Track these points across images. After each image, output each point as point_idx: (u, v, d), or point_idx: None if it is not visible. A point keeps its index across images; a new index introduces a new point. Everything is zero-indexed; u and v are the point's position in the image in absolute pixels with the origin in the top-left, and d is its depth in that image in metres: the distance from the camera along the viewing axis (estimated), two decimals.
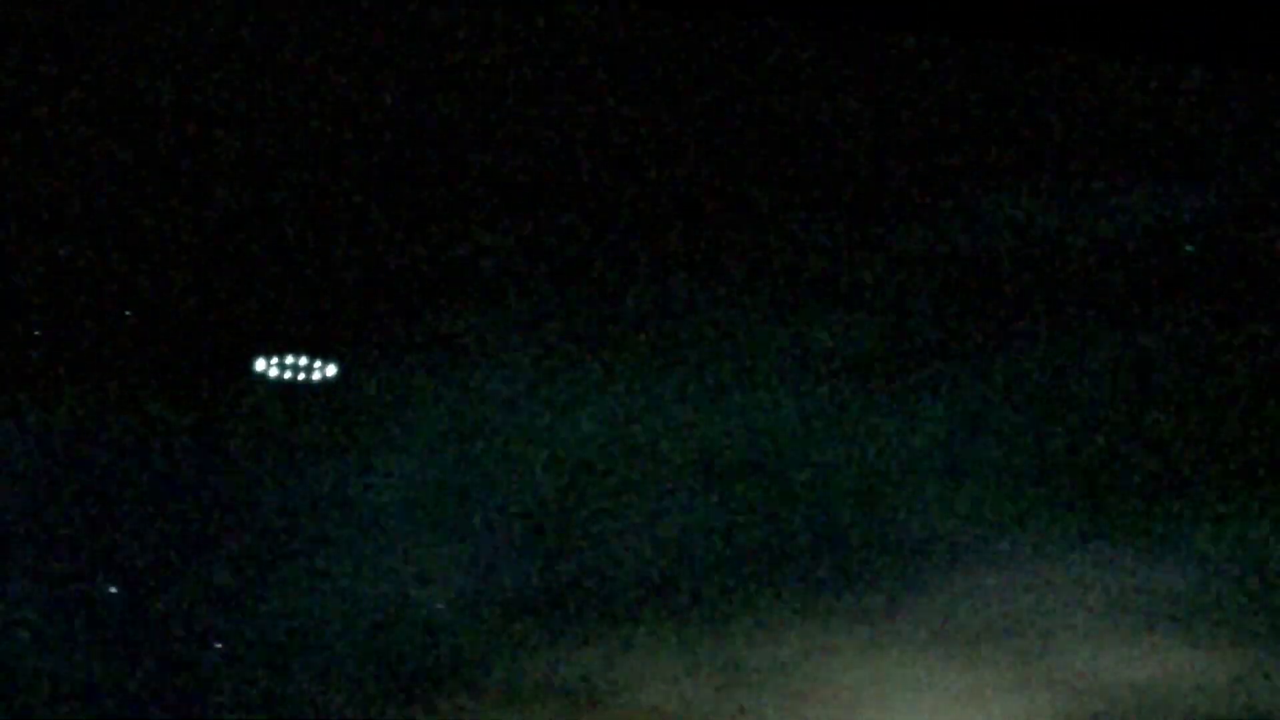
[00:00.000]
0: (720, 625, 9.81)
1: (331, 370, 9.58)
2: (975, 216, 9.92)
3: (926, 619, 9.79)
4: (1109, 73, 9.79)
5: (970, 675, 9.74)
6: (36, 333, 9.53)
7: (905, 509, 9.90)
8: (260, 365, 9.54)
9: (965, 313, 9.96)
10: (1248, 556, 9.70)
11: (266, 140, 9.45)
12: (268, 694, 9.58)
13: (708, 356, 9.88)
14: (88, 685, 9.49)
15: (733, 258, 9.87)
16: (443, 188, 9.63)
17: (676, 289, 9.83)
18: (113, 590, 9.53)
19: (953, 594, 9.80)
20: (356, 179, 9.56)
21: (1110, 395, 9.86)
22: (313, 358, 9.55)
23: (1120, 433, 9.84)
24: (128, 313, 9.57)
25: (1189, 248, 9.88)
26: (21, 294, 9.51)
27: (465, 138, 9.62)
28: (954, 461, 9.91)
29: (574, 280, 9.72)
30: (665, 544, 9.82)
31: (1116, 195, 9.94)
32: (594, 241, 9.72)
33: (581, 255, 9.71)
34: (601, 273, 9.72)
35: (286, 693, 9.60)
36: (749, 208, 9.81)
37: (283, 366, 9.53)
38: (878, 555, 9.85)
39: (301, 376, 9.54)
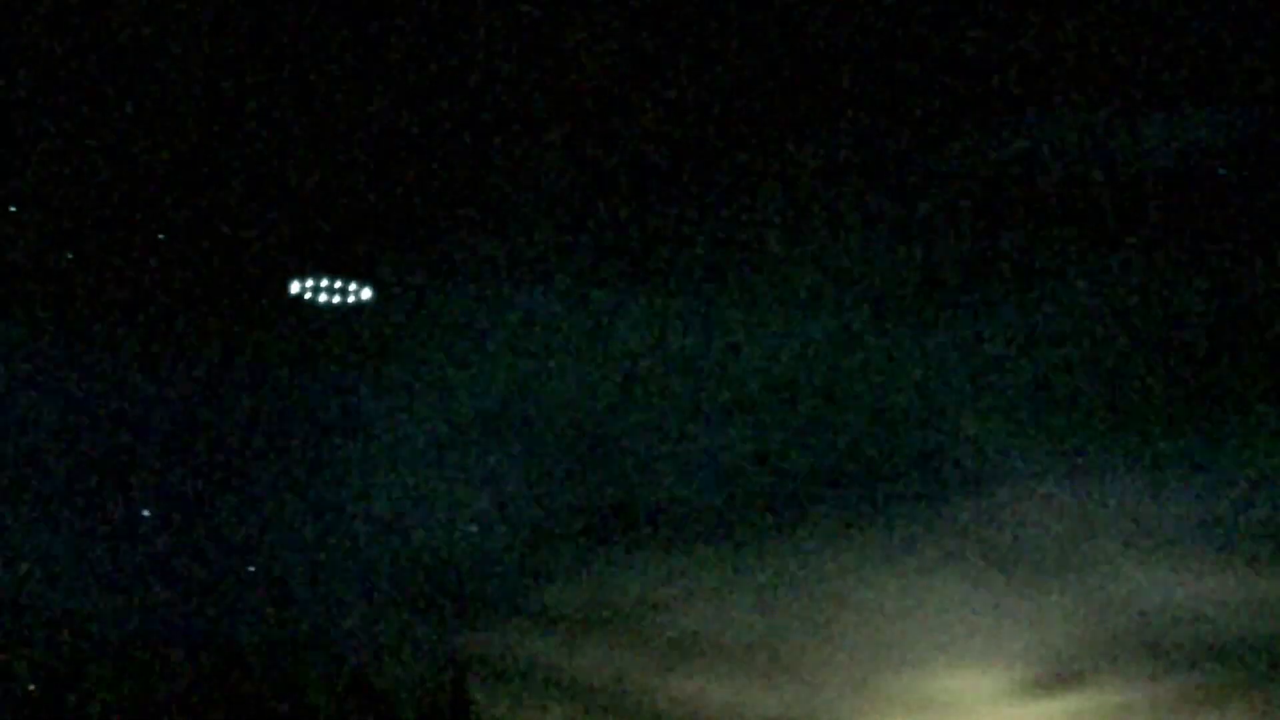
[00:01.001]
0: (756, 550, 9.84)
1: (366, 293, 9.59)
2: (1004, 142, 9.89)
3: (958, 541, 9.81)
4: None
5: (1000, 596, 9.77)
6: (70, 255, 9.54)
7: (938, 434, 9.90)
8: (296, 287, 9.55)
9: (996, 239, 9.95)
10: (1276, 480, 9.70)
11: (305, 68, 9.44)
12: (299, 613, 9.61)
13: (743, 284, 9.86)
14: (122, 604, 9.53)
15: (772, 186, 9.86)
16: (479, 114, 9.61)
17: (713, 216, 9.81)
18: (146, 513, 9.57)
19: (984, 517, 9.82)
20: (393, 105, 9.55)
21: (1141, 320, 9.84)
22: (348, 280, 9.56)
23: (1152, 358, 9.84)
24: (161, 236, 9.57)
25: (1222, 171, 9.85)
26: (61, 218, 9.52)
27: (503, 64, 9.60)
28: (987, 388, 9.91)
29: (610, 206, 9.71)
30: (700, 471, 9.84)
31: (1145, 121, 9.90)
32: (632, 167, 9.69)
33: (618, 180, 9.69)
34: (638, 198, 9.70)
35: (318, 612, 9.64)
36: (786, 137, 9.78)
37: (318, 289, 9.54)
38: (911, 479, 9.86)
39: (337, 299, 9.55)
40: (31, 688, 9.31)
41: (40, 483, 9.51)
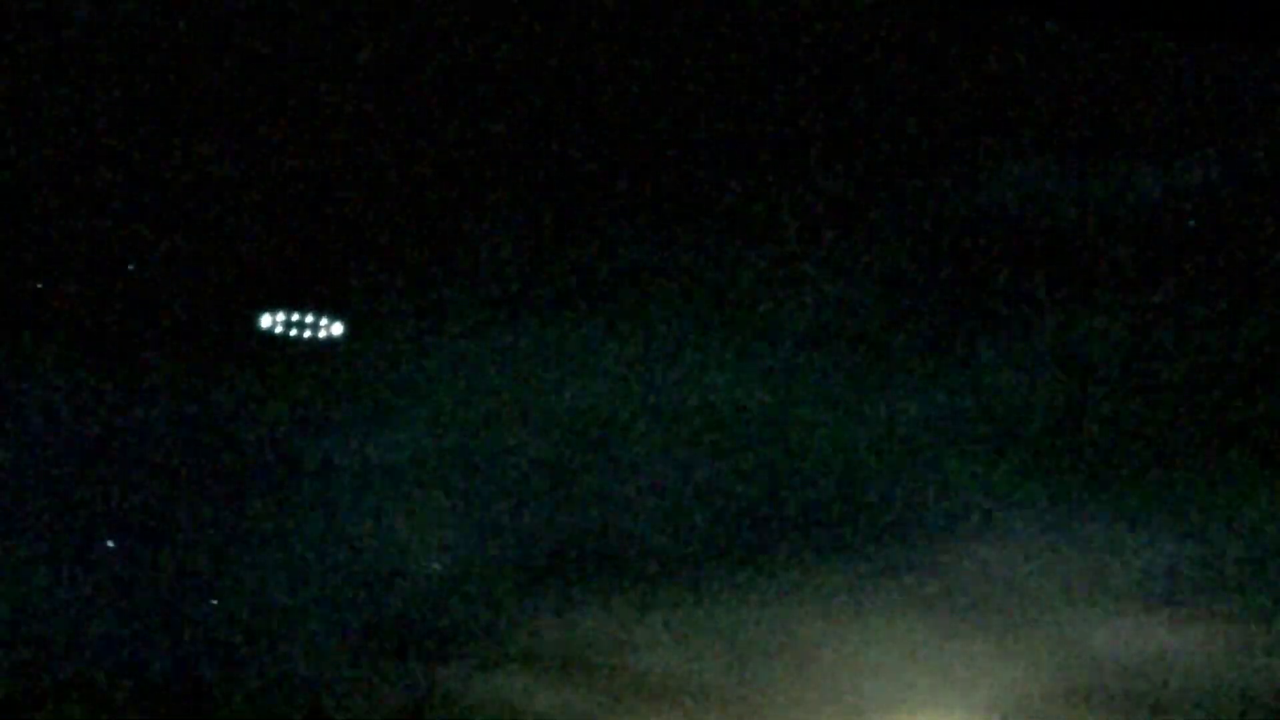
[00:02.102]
0: (720, 591, 9.83)
1: (337, 328, 9.57)
2: (978, 191, 9.94)
3: (926, 588, 9.82)
4: (1113, 47, 9.82)
5: (968, 644, 9.79)
6: (39, 286, 9.51)
7: (906, 481, 9.93)
8: (266, 321, 9.53)
9: (967, 287, 10.00)
10: (1242, 533, 9.75)
11: (275, 99, 9.43)
12: (263, 652, 9.57)
13: (712, 324, 9.89)
14: (86, 638, 9.48)
15: (743, 227, 9.89)
16: (452, 148, 9.62)
17: (685, 256, 9.83)
18: (110, 545, 9.52)
19: (952, 564, 9.84)
20: (363, 137, 9.55)
21: (1109, 371, 9.89)
22: (318, 315, 9.54)
23: (1119, 409, 9.89)
24: (130, 267, 9.54)
25: (1190, 223, 9.92)
26: (26, 250, 9.49)
27: (470, 100, 9.61)
28: (955, 435, 9.94)
29: (580, 244, 9.73)
30: (667, 510, 9.84)
31: (1117, 170, 9.97)
32: (605, 205, 9.72)
33: (592, 219, 9.71)
34: (613, 236, 9.72)
35: (281, 651, 9.60)
36: (760, 176, 9.82)
37: (288, 324, 9.52)
38: (878, 525, 9.88)
39: (307, 334, 9.53)
40: None
41: None
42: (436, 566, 9.69)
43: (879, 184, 9.89)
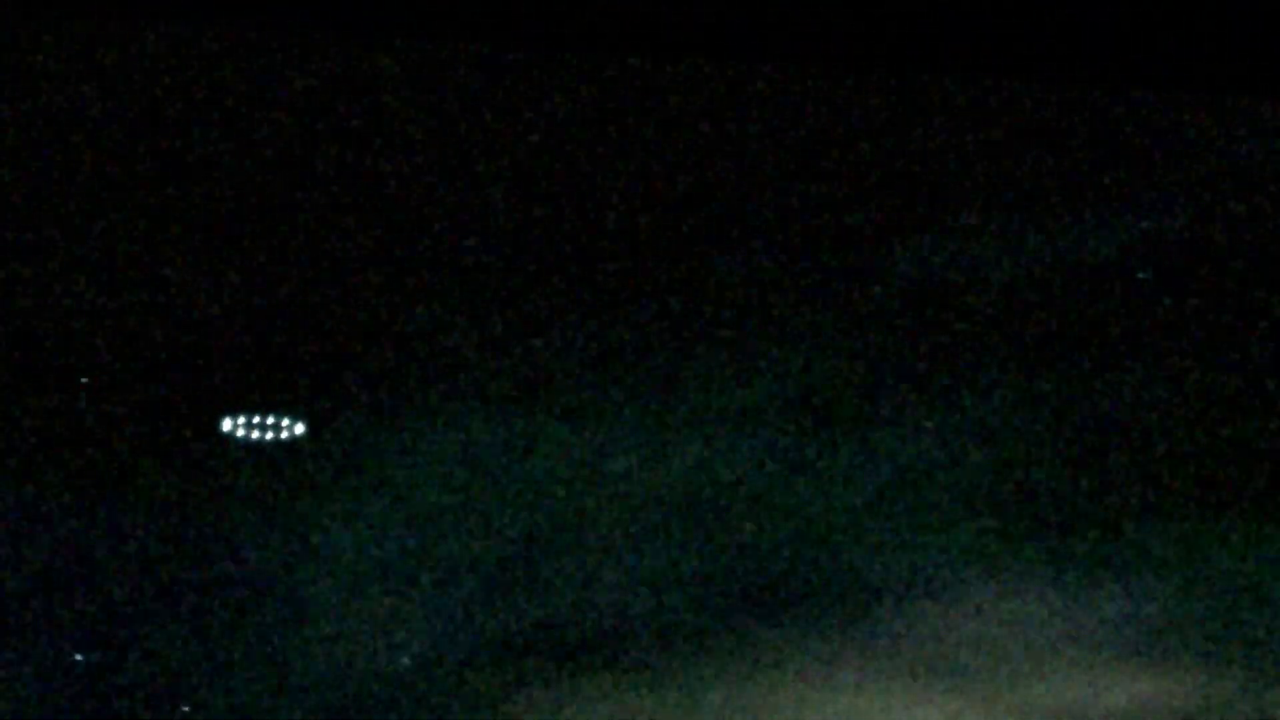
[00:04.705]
0: (688, 669, 9.84)
1: (299, 429, 9.51)
2: (932, 247, 9.99)
3: (896, 653, 9.86)
4: (1060, 97, 9.90)
5: (941, 707, 9.83)
6: None
7: (873, 545, 9.96)
8: (227, 425, 9.45)
9: (927, 348, 10.04)
10: (1212, 586, 9.85)
11: (231, 194, 9.37)
12: None
13: (671, 399, 9.89)
14: None
15: (695, 293, 9.89)
16: (408, 246, 9.59)
17: (635, 331, 9.83)
18: (78, 657, 9.44)
19: (922, 627, 9.88)
20: (321, 232, 9.50)
21: (1072, 426, 9.96)
22: (280, 416, 9.48)
23: (1083, 464, 9.96)
24: (84, 380, 9.46)
25: (1142, 274, 10.00)
26: None
27: (432, 196, 9.59)
28: (920, 496, 9.98)
29: (533, 331, 9.71)
30: (631, 592, 9.83)
31: (1070, 223, 10.05)
32: (562, 289, 9.71)
33: (549, 305, 9.70)
34: (570, 317, 9.71)
35: None
36: (715, 239, 9.83)
37: (250, 426, 9.45)
38: (847, 592, 9.91)
39: (269, 435, 9.47)
40: None
41: None
42: (406, 661, 9.66)
43: (823, 260, 9.94)
